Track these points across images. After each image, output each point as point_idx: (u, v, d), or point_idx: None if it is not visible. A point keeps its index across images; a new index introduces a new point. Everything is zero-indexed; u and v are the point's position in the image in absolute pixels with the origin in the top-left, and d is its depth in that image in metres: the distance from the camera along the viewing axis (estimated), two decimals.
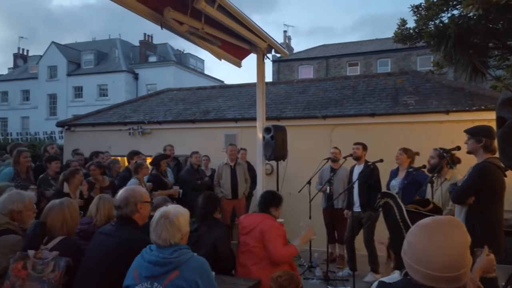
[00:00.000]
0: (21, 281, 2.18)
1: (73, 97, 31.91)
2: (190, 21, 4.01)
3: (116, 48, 32.99)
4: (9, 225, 2.58)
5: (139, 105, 11.05)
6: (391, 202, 1.57)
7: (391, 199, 1.57)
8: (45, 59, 32.60)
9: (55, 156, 5.60)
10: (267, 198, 3.54)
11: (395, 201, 1.54)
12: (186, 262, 2.00)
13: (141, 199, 2.45)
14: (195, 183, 6.50)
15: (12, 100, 33.99)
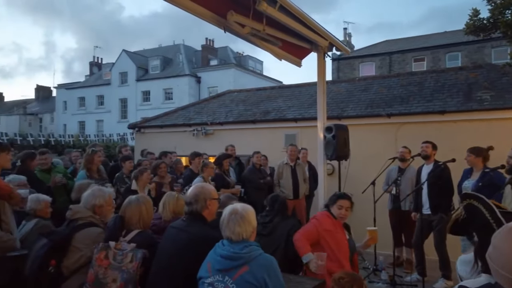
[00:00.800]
0: (104, 270, 2.38)
1: (142, 101, 33.94)
2: (252, 23, 4.09)
3: (180, 53, 34.55)
4: (92, 218, 2.83)
5: (202, 107, 11.47)
6: (475, 203, 1.48)
7: (476, 200, 1.47)
8: (117, 66, 35.09)
9: (128, 156, 6.01)
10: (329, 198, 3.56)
11: (482, 201, 1.44)
12: (256, 258, 2.08)
13: (210, 196, 2.56)
14: (258, 182, 6.60)
15: (89, 105, 37.02)
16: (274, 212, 3.73)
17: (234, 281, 2.02)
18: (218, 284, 2.07)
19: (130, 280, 2.36)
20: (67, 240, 2.63)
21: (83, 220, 2.77)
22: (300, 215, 6.79)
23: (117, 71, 34.99)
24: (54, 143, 10.80)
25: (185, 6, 3.85)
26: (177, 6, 3.83)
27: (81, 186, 4.34)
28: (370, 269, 5.64)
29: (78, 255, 2.61)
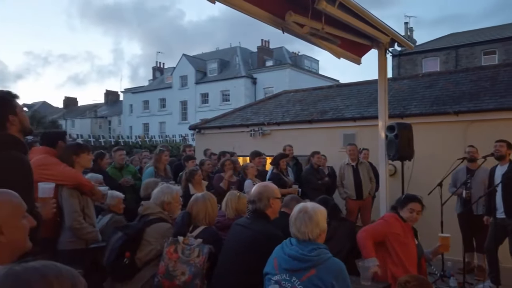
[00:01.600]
0: (173, 263, 2.53)
1: (200, 103, 35.13)
2: (310, 22, 4.07)
3: (236, 55, 35.26)
4: (161, 214, 3.01)
5: (259, 107, 11.62)
6: None
7: None
8: (177, 70, 36.67)
9: (191, 156, 6.29)
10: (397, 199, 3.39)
11: None
12: (324, 262, 2.06)
13: (273, 195, 2.61)
14: (316, 183, 6.56)
15: (152, 108, 39.08)
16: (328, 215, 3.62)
17: (302, 282, 2.03)
18: (285, 283, 2.09)
19: (197, 274, 2.48)
20: (140, 234, 2.83)
21: (153, 216, 2.95)
22: (365, 216, 6.62)
23: (178, 75, 36.54)
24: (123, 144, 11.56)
25: (244, 9, 3.94)
26: (236, 9, 3.93)
27: (148, 184, 4.63)
28: (437, 275, 5.35)
29: (149, 248, 2.80)
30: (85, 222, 3.20)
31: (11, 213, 1.42)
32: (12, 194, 1.48)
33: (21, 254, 1.52)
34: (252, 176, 5.88)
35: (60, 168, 3.14)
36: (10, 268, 0.78)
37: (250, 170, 5.90)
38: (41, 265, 0.80)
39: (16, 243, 1.44)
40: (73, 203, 3.15)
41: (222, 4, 3.74)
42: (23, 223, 1.47)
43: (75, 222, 3.12)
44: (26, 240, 1.49)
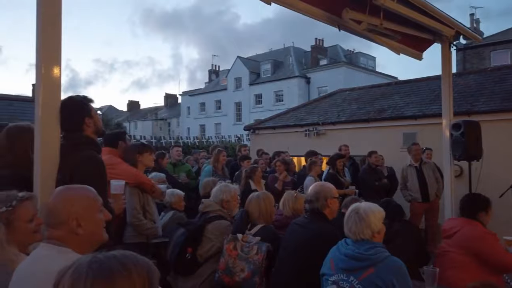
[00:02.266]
0: (233, 260, 2.60)
1: (254, 104, 35.53)
2: (368, 18, 3.97)
3: (290, 55, 35.19)
4: (220, 212, 3.11)
5: (313, 107, 11.50)
6: None
7: None
8: (232, 72, 37.42)
9: (247, 156, 6.40)
10: (472, 202, 3.14)
11: None
12: (383, 261, 2.02)
13: (330, 195, 2.58)
14: (373, 184, 6.35)
15: (208, 109, 40.23)
16: (390, 218, 3.44)
17: (360, 281, 2.00)
18: (342, 283, 2.07)
19: (256, 271, 2.53)
20: (201, 231, 2.94)
21: (213, 213, 3.06)
22: (432, 220, 6.29)
23: (232, 77, 37.26)
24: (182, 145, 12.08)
25: (299, 8, 3.93)
26: (292, 9, 3.93)
27: (207, 183, 4.78)
28: (509, 284, 4.94)
29: (210, 244, 2.90)
30: (144, 219, 3.39)
31: (88, 207, 1.54)
32: (89, 189, 1.61)
33: (98, 246, 1.66)
34: (316, 174, 5.83)
35: (123, 167, 3.34)
36: (94, 256, 0.86)
37: (316, 168, 5.86)
38: (120, 254, 0.87)
39: (93, 235, 1.56)
40: (133, 200, 3.34)
41: (277, 5, 3.76)
42: (100, 216, 1.59)
43: (134, 219, 3.31)
44: (102, 233, 1.61)
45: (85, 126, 2.25)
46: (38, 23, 2.00)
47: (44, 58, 1.99)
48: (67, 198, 1.52)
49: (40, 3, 1.99)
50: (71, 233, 1.48)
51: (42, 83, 2.00)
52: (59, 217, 1.48)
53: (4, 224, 1.73)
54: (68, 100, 2.22)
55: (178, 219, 3.90)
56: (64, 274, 0.83)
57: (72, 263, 0.85)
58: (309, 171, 5.84)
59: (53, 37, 2.02)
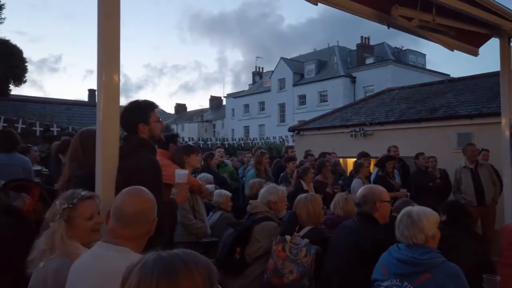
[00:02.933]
0: (282, 261, 2.61)
1: (298, 105, 35.34)
2: (419, 14, 3.83)
3: (334, 55, 34.63)
4: (268, 213, 3.13)
5: (359, 107, 11.24)
6: None
7: None
8: (276, 74, 37.49)
9: (293, 157, 6.39)
10: None
11: None
12: (439, 266, 1.94)
13: (380, 198, 2.52)
14: (425, 186, 6.09)
15: (252, 111, 40.59)
16: (452, 223, 3.13)
17: (415, 287, 1.93)
18: None
19: (305, 273, 2.52)
20: (249, 231, 2.98)
21: (260, 214, 3.09)
22: (488, 226, 5.93)
23: (276, 78, 37.32)
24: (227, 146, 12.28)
25: (346, 7, 3.88)
26: (339, 8, 3.88)
27: (253, 184, 4.84)
28: None
29: (258, 245, 2.93)
30: (194, 219, 3.49)
31: (154, 209, 1.62)
32: (147, 191, 1.67)
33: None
34: (363, 176, 5.71)
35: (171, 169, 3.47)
36: (158, 253, 0.91)
37: (363, 170, 5.73)
38: (182, 253, 0.91)
39: (149, 235, 1.63)
40: None
41: (324, 4, 3.73)
42: (156, 217, 1.66)
43: (184, 219, 3.43)
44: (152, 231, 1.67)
45: (139, 132, 2.36)
46: (99, 34, 2.14)
47: (105, 66, 2.13)
48: (141, 201, 1.60)
49: (101, 16, 2.13)
50: (141, 231, 1.56)
51: (103, 89, 2.13)
52: (135, 214, 1.55)
53: (65, 221, 1.87)
54: (130, 104, 2.38)
55: (226, 219, 3.98)
56: (132, 270, 0.89)
57: (139, 260, 0.91)
58: (356, 174, 5.72)
59: (112, 47, 2.15)
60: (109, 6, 2.13)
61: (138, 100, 2.44)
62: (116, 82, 2.17)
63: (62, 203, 1.85)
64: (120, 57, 2.18)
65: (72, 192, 1.91)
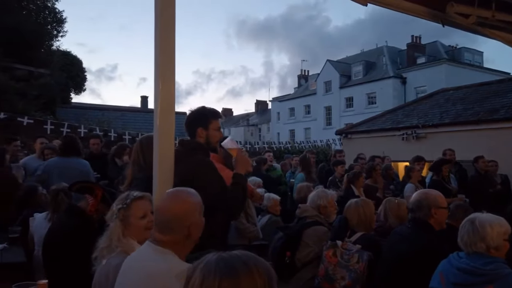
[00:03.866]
0: (333, 267, 2.58)
1: (345, 107, 34.63)
2: (477, 11, 3.65)
3: (383, 55, 33.59)
4: (317, 217, 3.11)
5: (411, 109, 10.81)
6: None
7: None
8: (321, 76, 37.05)
9: (341, 161, 6.27)
10: None
11: None
12: (504, 278, 1.82)
13: (435, 204, 2.40)
14: (485, 192, 5.72)
15: (298, 114, 40.36)
16: None
17: None
18: None
19: (357, 280, 2.47)
20: (298, 235, 2.98)
21: (310, 219, 3.07)
22: None
23: (322, 81, 36.88)
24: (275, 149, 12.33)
25: (398, 7, 3.77)
26: (390, 8, 3.79)
27: (301, 188, 4.81)
28: None
29: (308, 250, 2.91)
30: (247, 222, 3.54)
31: (195, 212, 1.61)
32: (194, 194, 1.67)
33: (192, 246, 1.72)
34: (416, 180, 5.49)
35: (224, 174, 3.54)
36: (219, 254, 0.94)
37: (415, 174, 5.52)
38: (242, 254, 0.94)
39: (195, 238, 1.62)
40: None
41: (374, 5, 3.66)
42: (202, 218, 1.65)
43: (238, 222, 3.49)
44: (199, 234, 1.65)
45: (197, 135, 2.46)
46: (156, 47, 2.26)
47: (161, 78, 2.25)
48: (178, 204, 1.58)
49: (158, 30, 2.25)
50: (178, 236, 1.54)
51: (160, 97, 2.24)
52: (173, 223, 1.55)
53: (121, 220, 1.99)
54: (196, 108, 2.52)
55: (275, 223, 4.00)
56: (195, 269, 0.93)
57: (201, 260, 0.95)
58: (408, 178, 5.50)
59: (168, 57, 2.27)
60: (165, 21, 2.25)
61: (205, 106, 2.57)
62: (171, 90, 2.28)
63: (117, 204, 1.98)
64: (175, 69, 2.29)
65: (127, 194, 2.04)
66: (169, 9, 2.25)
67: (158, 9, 2.25)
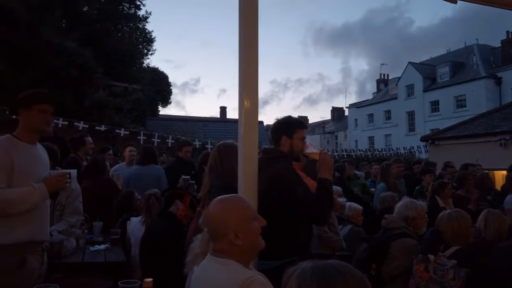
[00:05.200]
0: (425, 283, 2.42)
1: (430, 112, 32.36)
2: None
3: (473, 54, 30.80)
4: (406, 229, 2.94)
5: (509, 112, 9.75)
6: None
7: None
8: (403, 80, 35.14)
9: (429, 169, 5.89)
10: None
11: None
12: None
13: None
14: None
15: (377, 121, 38.70)
16: None
17: None
18: None
19: None
20: (385, 247, 2.84)
21: (397, 230, 2.92)
22: None
23: (403, 84, 34.97)
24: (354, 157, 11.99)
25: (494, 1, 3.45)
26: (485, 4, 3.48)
27: (385, 198, 4.61)
28: None
29: (396, 263, 2.77)
30: (330, 232, 3.49)
31: (243, 217, 1.56)
32: (241, 199, 1.68)
33: (256, 254, 1.69)
34: None
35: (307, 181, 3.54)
36: (314, 262, 0.95)
37: None
38: (338, 264, 0.94)
39: (252, 244, 1.58)
40: None
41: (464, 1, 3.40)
42: (255, 224, 1.60)
43: (320, 231, 3.45)
44: (259, 240, 1.61)
45: (281, 144, 2.51)
46: (240, 62, 2.38)
47: (245, 88, 2.34)
48: (222, 210, 1.58)
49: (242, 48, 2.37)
50: (231, 245, 1.52)
51: (244, 108, 2.34)
52: (218, 230, 1.55)
53: None
54: (283, 117, 2.59)
55: (357, 234, 3.88)
56: (291, 275, 0.95)
57: (296, 267, 0.96)
58: (511, 188, 4.93)
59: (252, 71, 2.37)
60: (248, 38, 2.36)
61: (291, 116, 2.62)
62: (255, 101, 2.36)
63: None
64: (258, 84, 2.38)
65: None
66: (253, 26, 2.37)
67: (242, 24, 2.36)
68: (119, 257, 3.25)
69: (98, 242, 3.54)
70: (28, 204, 2.24)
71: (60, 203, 3.10)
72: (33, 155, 2.39)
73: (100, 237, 3.66)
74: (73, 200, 3.14)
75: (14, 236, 2.20)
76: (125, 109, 12.86)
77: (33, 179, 2.32)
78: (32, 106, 2.32)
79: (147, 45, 17.43)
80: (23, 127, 2.36)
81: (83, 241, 3.44)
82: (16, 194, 2.20)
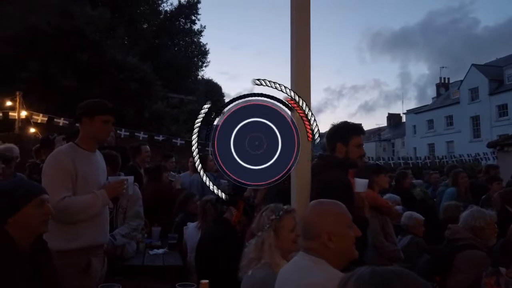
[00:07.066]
0: None
1: (497, 116, 30.02)
2: None
3: None
4: (473, 240, 2.73)
5: None
6: None
7: None
8: (465, 83, 33.02)
9: (497, 177, 5.49)
10: None
11: None
12: None
13: None
14: None
15: (437, 127, 36.59)
16: None
17: None
18: None
19: None
20: (449, 259, 2.67)
21: (463, 241, 2.73)
22: None
23: (466, 88, 32.85)
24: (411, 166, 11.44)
25: None
26: None
27: (448, 207, 4.35)
28: None
29: (462, 276, 2.58)
30: (386, 241, 3.34)
31: (338, 222, 1.60)
32: (339, 205, 1.69)
33: (347, 262, 1.71)
34: None
35: None
36: (373, 268, 0.91)
37: None
38: (397, 270, 0.89)
39: (344, 250, 1.60)
40: (374, 222, 3.35)
41: None
42: (350, 232, 1.63)
43: (376, 241, 3.31)
44: (353, 249, 1.63)
45: (337, 150, 2.45)
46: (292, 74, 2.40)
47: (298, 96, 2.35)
48: (319, 213, 1.64)
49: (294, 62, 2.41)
50: (323, 246, 1.57)
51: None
52: (312, 230, 1.61)
53: (273, 230, 2.08)
54: (338, 123, 2.58)
55: (417, 245, 3.68)
56: (347, 281, 0.92)
57: (352, 273, 0.93)
58: None
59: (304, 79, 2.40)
60: (300, 46, 2.42)
61: (347, 121, 2.59)
62: None
63: (269, 215, 2.07)
64: (310, 91, 2.41)
65: (275, 205, 2.13)
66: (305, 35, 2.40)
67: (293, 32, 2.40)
68: (177, 261, 3.36)
69: (156, 247, 3.68)
70: (92, 211, 2.37)
71: (122, 206, 3.28)
72: (93, 162, 2.53)
73: (159, 242, 3.81)
74: (133, 204, 3.31)
75: (81, 240, 2.33)
76: (181, 119, 13.40)
77: (95, 186, 2.45)
78: (95, 116, 2.45)
79: (201, 58, 18.09)
80: (85, 135, 2.49)
81: (143, 245, 3.60)
82: (81, 202, 2.33)
